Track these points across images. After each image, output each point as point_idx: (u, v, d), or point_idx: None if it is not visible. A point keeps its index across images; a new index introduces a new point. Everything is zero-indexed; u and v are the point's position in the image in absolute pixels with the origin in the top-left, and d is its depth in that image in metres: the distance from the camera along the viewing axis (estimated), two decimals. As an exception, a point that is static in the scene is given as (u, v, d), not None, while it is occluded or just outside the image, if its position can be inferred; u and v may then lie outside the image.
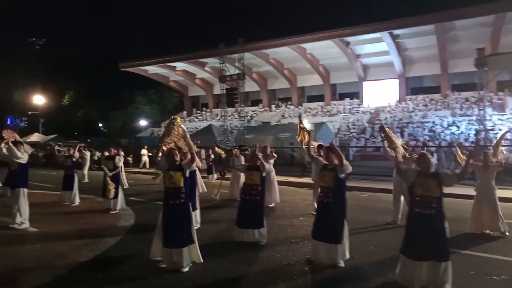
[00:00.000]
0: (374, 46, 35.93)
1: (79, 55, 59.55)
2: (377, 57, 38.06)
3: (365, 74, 40.57)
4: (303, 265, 5.19)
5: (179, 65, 46.04)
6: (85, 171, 17.03)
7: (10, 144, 7.29)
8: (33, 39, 43.68)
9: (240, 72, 30.63)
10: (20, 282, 4.55)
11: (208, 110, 49.37)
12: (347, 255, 5.17)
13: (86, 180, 16.41)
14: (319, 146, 8.27)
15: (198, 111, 50.65)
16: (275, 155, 10.36)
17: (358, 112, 38.47)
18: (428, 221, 4.23)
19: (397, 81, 38.78)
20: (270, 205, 9.63)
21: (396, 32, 33.81)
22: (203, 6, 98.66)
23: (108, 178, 9.11)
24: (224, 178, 10.68)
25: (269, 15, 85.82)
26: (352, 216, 8.38)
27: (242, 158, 11.66)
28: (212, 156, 16.70)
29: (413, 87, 39.27)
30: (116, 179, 9.41)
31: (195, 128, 39.35)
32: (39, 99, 42.26)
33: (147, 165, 22.64)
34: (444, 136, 28.32)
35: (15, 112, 54.26)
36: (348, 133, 33.54)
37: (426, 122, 32.29)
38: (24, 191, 7.60)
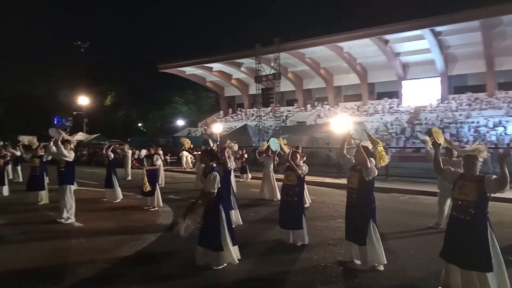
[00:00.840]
0: (415, 43, 34.78)
1: (121, 58, 61.78)
2: (417, 55, 36.82)
3: (405, 72, 39.36)
4: (341, 268, 5.10)
5: (216, 66, 46.68)
6: (128, 169, 17.56)
7: (59, 143, 7.67)
8: (78, 42, 45.63)
9: (275, 72, 30.61)
10: (67, 275, 4.76)
11: (243, 110, 49.72)
12: (382, 259, 4.95)
13: (129, 178, 16.93)
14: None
15: (234, 112, 51.14)
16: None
17: (397, 112, 37.41)
18: (464, 227, 4.00)
19: (439, 79, 37.33)
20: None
21: (438, 29, 32.53)
22: (240, 7, 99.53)
23: (145, 176, 9.34)
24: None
25: (305, 14, 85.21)
26: (392, 219, 8.21)
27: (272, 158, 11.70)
28: (246, 156, 16.86)
29: (456, 85, 37.64)
30: (154, 177, 9.62)
31: (230, 128, 39.75)
32: (83, 100, 44.18)
33: (190, 164, 22.88)
34: (489, 137, 26.98)
35: (61, 112, 57.05)
36: (386, 133, 32.68)
37: (471, 122, 30.89)
38: (70, 188, 7.98)
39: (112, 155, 11.44)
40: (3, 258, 5.47)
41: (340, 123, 20.30)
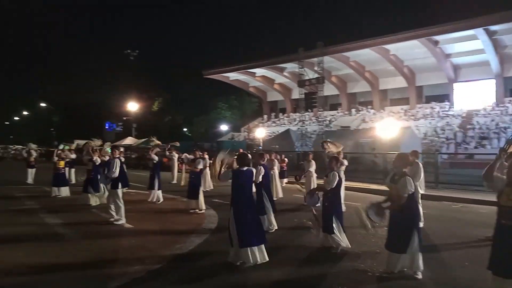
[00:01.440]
0: (467, 44, 33.12)
1: (168, 65, 63.98)
2: (470, 56, 34.98)
3: (456, 75, 37.52)
4: (386, 275, 4.94)
5: (259, 71, 47.05)
6: (174, 172, 18.06)
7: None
8: (128, 51, 47.90)
9: (319, 76, 30.33)
10: (119, 274, 4.97)
11: (286, 114, 49.66)
12: (420, 267, 4.84)
13: (175, 181, 17.40)
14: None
15: (276, 116, 51.20)
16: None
17: (447, 116, 35.70)
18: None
19: (493, 81, 35.22)
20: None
21: (493, 28, 30.75)
22: (282, 11, 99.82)
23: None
24: (300, 183, 10.64)
25: (350, 17, 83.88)
26: (445, 228, 7.84)
27: (314, 163, 11.57)
28: (286, 160, 16.84)
29: (513, 87, 35.40)
30: (198, 180, 9.81)
31: (273, 133, 39.79)
32: (132, 106, 46.16)
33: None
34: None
35: (112, 118, 59.92)
36: (436, 138, 31.28)
37: (530, 126, 28.85)
38: (119, 191, 8.35)
39: (156, 158, 11.79)
40: (60, 255, 5.81)
41: (386, 127, 19.78)
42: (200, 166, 10.18)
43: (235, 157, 5.72)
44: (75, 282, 4.72)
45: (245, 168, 5.53)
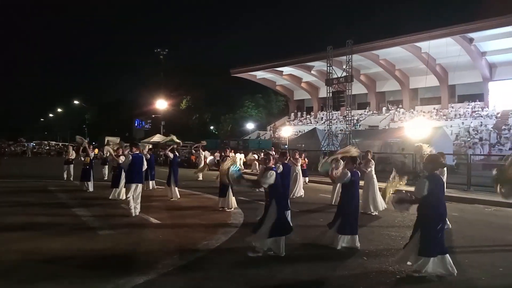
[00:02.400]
0: (504, 41, 31.84)
1: (195, 63, 64.80)
2: (506, 54, 33.60)
3: (491, 73, 36.13)
4: (413, 278, 4.83)
5: (286, 70, 46.89)
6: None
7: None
8: (158, 49, 48.74)
9: (347, 74, 29.84)
10: (147, 268, 5.09)
11: (312, 113, 49.27)
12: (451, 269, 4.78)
13: (200, 178, 17.62)
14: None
15: (303, 115, 50.88)
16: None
17: (481, 116, 34.43)
18: None
19: (531, 80, 33.72)
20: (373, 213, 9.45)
21: (533, 24, 29.40)
22: (312, 9, 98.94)
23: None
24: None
25: (380, 15, 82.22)
26: (479, 232, 7.59)
27: (373, 162, 11.28)
28: (306, 160, 16.71)
29: (553, 87, 33.75)
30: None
31: (299, 131, 39.59)
32: (161, 104, 47.00)
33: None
34: None
35: (141, 116, 61.34)
36: (469, 139, 30.24)
37: None
38: (133, 186, 8.58)
39: (171, 155, 11.98)
40: (93, 247, 6.01)
41: (417, 127, 19.30)
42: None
43: (261, 156, 5.91)
44: (105, 274, 4.86)
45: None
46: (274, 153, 11.29)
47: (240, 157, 23.62)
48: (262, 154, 6.80)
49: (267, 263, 5.35)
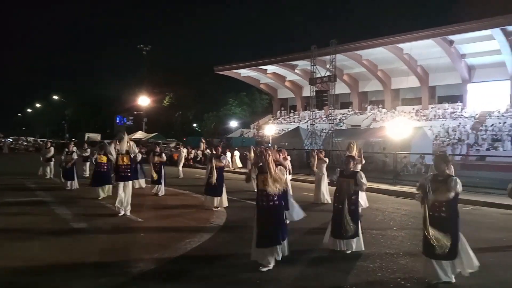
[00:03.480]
0: (483, 44, 32.66)
1: (179, 60, 64.28)
2: (485, 56, 34.50)
3: (470, 75, 37.01)
4: (399, 279, 4.90)
5: (270, 68, 46.96)
6: (180, 167, 18.23)
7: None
8: (141, 45, 48.12)
9: (331, 74, 30.09)
10: (129, 268, 5.02)
11: (296, 112, 49.51)
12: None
13: (181, 176, 17.53)
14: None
15: (287, 114, 51.08)
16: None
17: (460, 117, 35.26)
18: None
19: (508, 83, 34.64)
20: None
21: (511, 28, 30.22)
22: (297, 8, 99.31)
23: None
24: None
25: (363, 16, 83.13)
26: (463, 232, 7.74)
27: (327, 160, 11.42)
28: (289, 157, 16.76)
29: (529, 89, 34.79)
30: (221, 177, 9.68)
31: (283, 130, 39.73)
32: (144, 101, 46.46)
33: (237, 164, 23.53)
34: None
35: (123, 112, 60.43)
36: (448, 139, 30.93)
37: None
38: (128, 184, 8.42)
39: (165, 158, 12.09)
40: (73, 248, 5.89)
41: (398, 127, 19.59)
42: (225, 162, 9.87)
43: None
44: (87, 275, 4.77)
45: None
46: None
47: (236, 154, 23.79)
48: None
49: (249, 263, 5.31)
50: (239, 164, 23.50)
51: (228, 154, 23.26)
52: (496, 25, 29.73)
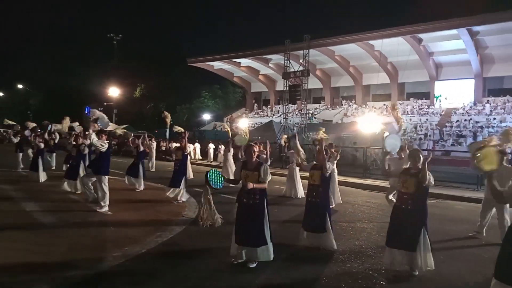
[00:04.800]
0: (450, 43, 33.77)
1: (151, 51, 62.98)
2: (452, 55, 35.70)
3: (438, 73, 38.25)
4: (368, 269, 5.04)
5: (244, 61, 46.78)
6: (153, 160, 17.93)
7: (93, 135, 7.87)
8: (111, 34, 46.69)
9: (304, 69, 30.36)
10: (98, 263, 4.93)
11: (269, 106, 49.68)
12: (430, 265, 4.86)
13: (153, 169, 17.28)
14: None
15: (260, 107, 51.18)
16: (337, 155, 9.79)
17: (427, 113, 36.43)
18: None
19: (473, 81, 36.06)
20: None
21: (476, 28, 31.39)
22: (270, 2, 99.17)
23: None
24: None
25: (336, 11, 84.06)
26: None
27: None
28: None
29: (491, 88, 36.32)
30: (182, 169, 9.67)
31: (256, 124, 39.80)
32: (114, 91, 45.25)
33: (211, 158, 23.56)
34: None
35: (92, 103, 58.67)
36: (415, 135, 31.91)
37: (505, 126, 29.72)
38: (104, 178, 8.17)
39: (142, 147, 11.76)
40: (39, 242, 5.70)
41: (368, 122, 20.05)
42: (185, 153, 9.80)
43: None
44: (54, 270, 4.63)
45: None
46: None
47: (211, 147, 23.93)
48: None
49: (218, 256, 5.32)
50: (199, 156, 24.04)
51: (192, 146, 23.44)
52: (462, 25, 30.78)
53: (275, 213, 8.69)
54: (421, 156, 5.00)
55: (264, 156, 6.91)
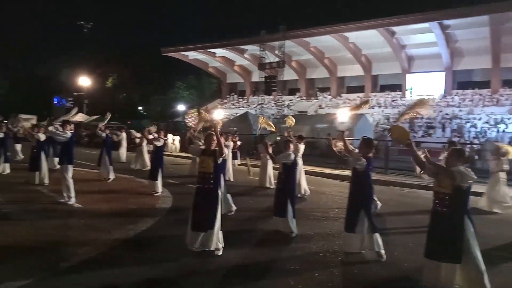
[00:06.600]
0: (422, 36, 34.55)
1: (124, 40, 61.40)
2: (423, 48, 36.58)
3: (410, 65, 39.09)
4: (339, 257, 5.11)
5: (219, 52, 46.34)
6: (122, 151, 17.57)
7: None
8: (82, 22, 45.19)
9: (279, 60, 30.39)
10: (68, 255, 4.78)
11: (245, 97, 49.52)
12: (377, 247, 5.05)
13: (124, 160, 16.92)
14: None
15: (235, 99, 50.93)
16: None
17: (399, 105, 37.25)
18: None
19: (443, 74, 37.10)
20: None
21: (447, 22, 32.23)
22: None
23: None
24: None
25: (311, 2, 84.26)
26: (392, 212, 8.24)
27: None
28: (239, 142, 16.88)
29: (460, 81, 37.49)
30: (158, 161, 9.50)
31: (231, 115, 39.63)
32: (84, 81, 43.93)
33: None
34: (490, 134, 26.97)
35: (62, 93, 56.74)
36: (388, 126, 32.60)
37: (472, 118, 30.80)
38: (68, 168, 7.89)
39: (103, 135, 11.52)
40: (7, 235, 5.47)
41: (342, 115, 20.28)
42: (158, 144, 9.55)
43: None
44: (21, 263, 4.46)
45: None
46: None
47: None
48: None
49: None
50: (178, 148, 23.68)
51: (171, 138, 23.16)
52: (433, 18, 31.53)
53: (250, 204, 8.73)
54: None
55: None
